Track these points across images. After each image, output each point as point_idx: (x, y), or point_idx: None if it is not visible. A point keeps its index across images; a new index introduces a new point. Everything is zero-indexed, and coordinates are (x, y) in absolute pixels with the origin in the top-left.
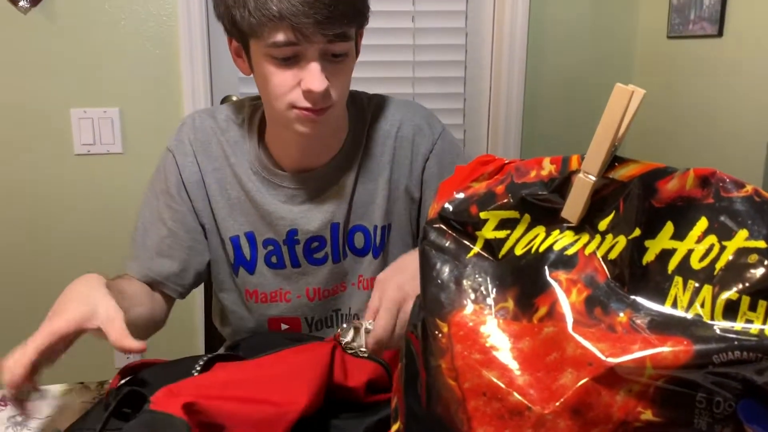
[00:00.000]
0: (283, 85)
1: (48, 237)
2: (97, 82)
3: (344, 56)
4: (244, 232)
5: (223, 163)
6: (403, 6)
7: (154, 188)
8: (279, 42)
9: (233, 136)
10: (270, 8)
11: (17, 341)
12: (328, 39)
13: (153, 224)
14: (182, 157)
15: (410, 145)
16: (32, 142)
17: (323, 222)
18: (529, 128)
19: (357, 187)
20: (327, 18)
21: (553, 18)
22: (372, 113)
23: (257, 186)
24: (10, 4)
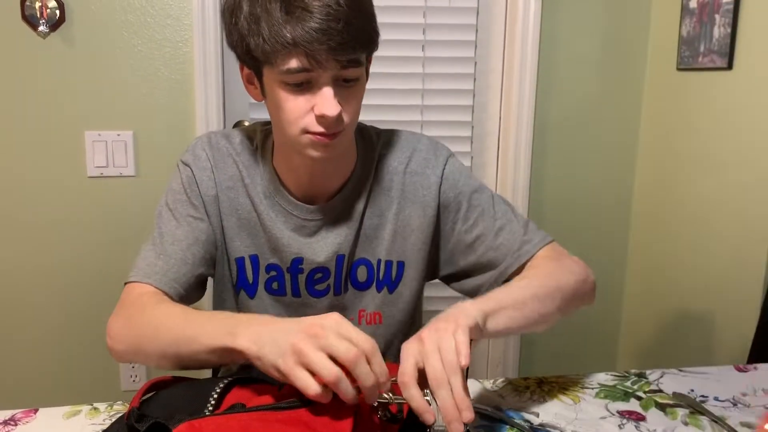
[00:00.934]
0: (297, 111)
1: (59, 258)
2: (112, 106)
3: (356, 81)
4: (249, 255)
5: (238, 182)
6: (413, 35)
7: (174, 199)
8: (293, 68)
9: (247, 159)
10: (284, 36)
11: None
12: (341, 65)
13: (173, 233)
14: (200, 171)
15: (420, 179)
16: (46, 163)
17: (329, 254)
18: (539, 158)
19: (364, 220)
20: (340, 44)
21: (563, 49)
22: (381, 148)
23: (268, 210)
24: (30, 29)
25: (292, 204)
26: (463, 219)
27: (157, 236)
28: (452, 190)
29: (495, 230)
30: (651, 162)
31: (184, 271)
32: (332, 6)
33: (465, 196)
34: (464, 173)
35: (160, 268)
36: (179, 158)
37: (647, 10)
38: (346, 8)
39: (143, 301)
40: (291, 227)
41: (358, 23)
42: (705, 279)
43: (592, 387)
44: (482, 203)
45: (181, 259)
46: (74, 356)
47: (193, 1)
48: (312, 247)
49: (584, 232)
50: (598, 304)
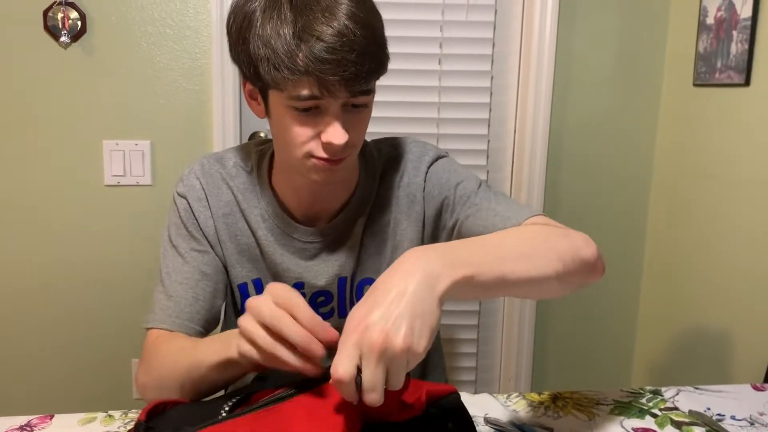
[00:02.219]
0: (303, 136)
1: (75, 265)
2: (130, 115)
3: (365, 107)
4: (252, 279)
5: (234, 208)
6: (430, 49)
7: (174, 234)
8: (302, 96)
9: (243, 183)
10: (297, 64)
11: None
12: (352, 94)
13: (180, 271)
14: (196, 202)
15: (411, 189)
16: (64, 171)
17: (331, 277)
18: (554, 172)
19: (365, 239)
20: (353, 75)
21: (579, 64)
22: (383, 167)
23: (266, 235)
24: (52, 39)
25: (291, 227)
26: (450, 215)
27: (165, 277)
28: (436, 189)
29: (473, 214)
30: (667, 178)
31: (197, 309)
32: (347, 36)
33: (450, 191)
34: (449, 169)
35: (173, 310)
36: (174, 190)
37: (664, 26)
38: (360, 38)
39: (158, 345)
40: (290, 251)
41: (371, 53)
42: (721, 295)
43: (606, 403)
44: (466, 193)
45: (192, 297)
46: (87, 363)
47: (212, 13)
48: (312, 270)
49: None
50: (612, 317)
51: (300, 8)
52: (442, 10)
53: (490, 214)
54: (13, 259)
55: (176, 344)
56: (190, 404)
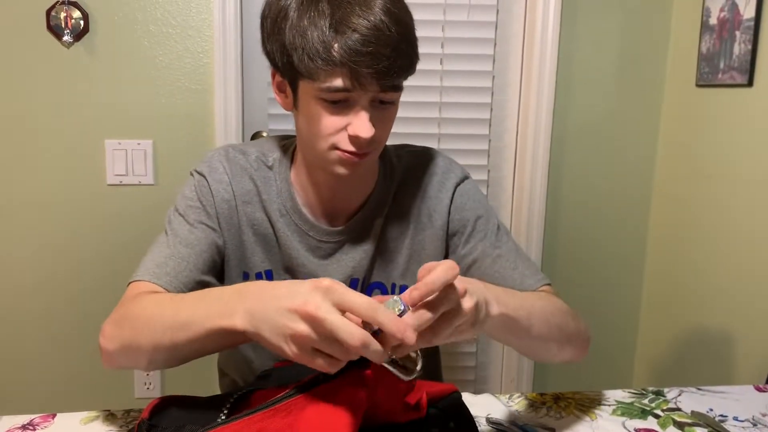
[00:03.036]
0: (330, 128)
1: (77, 263)
2: (133, 115)
3: (392, 104)
4: (265, 270)
5: (255, 198)
6: (432, 49)
7: (186, 205)
8: (334, 87)
9: (263, 175)
10: (332, 54)
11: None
12: (382, 89)
13: (186, 237)
14: (216, 183)
15: (434, 203)
16: (67, 170)
17: (344, 277)
18: (555, 172)
19: (380, 243)
20: (386, 69)
21: (581, 63)
22: (402, 173)
23: (284, 228)
24: (55, 38)
25: (308, 224)
26: (464, 243)
27: (171, 237)
28: (458, 212)
29: (493, 257)
30: (669, 178)
31: (195, 276)
32: (383, 30)
33: (470, 220)
34: (474, 198)
35: (171, 269)
36: (193, 168)
37: (666, 26)
38: (395, 34)
39: (140, 296)
40: (306, 247)
41: (404, 49)
42: (723, 296)
43: (609, 404)
44: (485, 229)
45: (193, 263)
46: (89, 362)
47: (214, 12)
48: (327, 269)
49: (601, 247)
50: (614, 317)
51: (337, 2)
52: (444, 10)
53: (510, 266)
54: (16, 257)
55: (154, 298)
56: (192, 401)
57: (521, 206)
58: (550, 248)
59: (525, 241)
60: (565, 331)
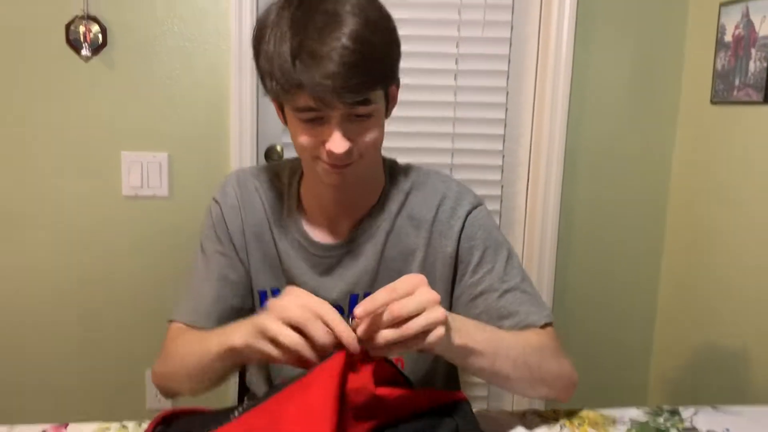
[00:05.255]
0: (309, 143)
1: (91, 275)
2: (149, 127)
3: (368, 116)
4: (271, 288)
5: (263, 219)
6: (446, 65)
7: (205, 236)
8: (301, 107)
9: (273, 197)
10: (292, 78)
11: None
12: (347, 106)
13: (204, 270)
14: (228, 209)
15: (445, 229)
16: (83, 181)
17: (342, 292)
18: (569, 188)
19: (384, 263)
20: (344, 88)
21: (595, 81)
22: (410, 190)
23: (287, 248)
24: (74, 52)
25: (308, 240)
26: (471, 272)
27: (193, 275)
28: (468, 241)
29: (500, 291)
30: (684, 195)
31: (215, 307)
32: (338, 50)
33: (478, 249)
34: (485, 227)
35: (192, 306)
36: (213, 195)
37: (681, 43)
38: (352, 52)
39: (176, 336)
40: (308, 264)
41: (365, 65)
42: (739, 313)
43: (623, 422)
44: (494, 261)
45: (210, 295)
46: (101, 373)
47: (231, 27)
48: (326, 284)
49: (615, 264)
50: (628, 334)
51: (298, 26)
52: (458, 26)
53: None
54: (31, 266)
55: (193, 335)
56: (201, 413)
57: (534, 222)
58: (563, 265)
59: (538, 257)
60: (539, 371)
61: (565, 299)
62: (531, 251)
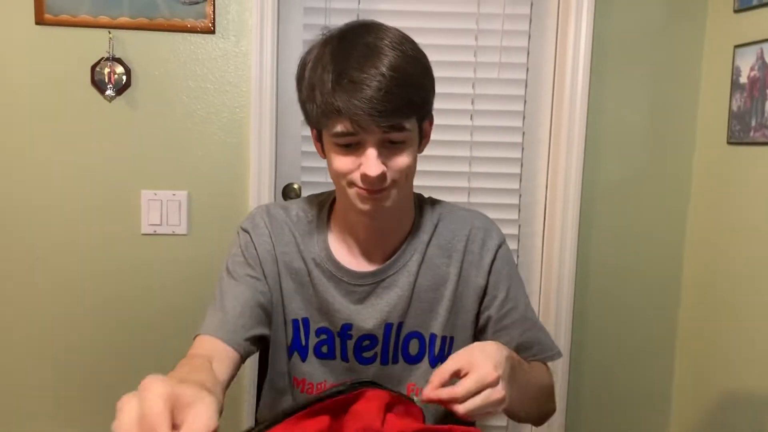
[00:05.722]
0: (345, 168)
1: (110, 310)
2: (169, 166)
3: (402, 144)
4: (302, 317)
5: (293, 249)
6: (462, 105)
7: (233, 262)
8: (339, 132)
9: (302, 228)
10: (332, 103)
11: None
12: (383, 130)
13: (232, 291)
14: (258, 237)
15: (476, 259)
16: (103, 218)
17: (378, 321)
18: (586, 227)
19: (416, 293)
20: (380, 112)
21: (610, 120)
22: (439, 221)
23: (320, 277)
24: (98, 92)
25: (342, 270)
26: (498, 306)
27: (218, 294)
28: (496, 275)
29: (525, 329)
30: (701, 235)
31: (242, 323)
32: (376, 77)
33: (504, 284)
34: (510, 263)
35: (219, 320)
36: (239, 225)
37: (696, 84)
38: (389, 79)
39: (191, 352)
40: (342, 293)
41: (400, 93)
42: (758, 355)
43: None
44: (517, 300)
45: (239, 312)
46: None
47: (251, 69)
48: (361, 313)
49: (633, 302)
50: (648, 375)
51: (340, 57)
52: (474, 69)
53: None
54: (51, 300)
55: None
56: None
57: (552, 261)
58: (580, 303)
59: (555, 296)
60: (538, 410)
61: (583, 343)
62: (548, 291)
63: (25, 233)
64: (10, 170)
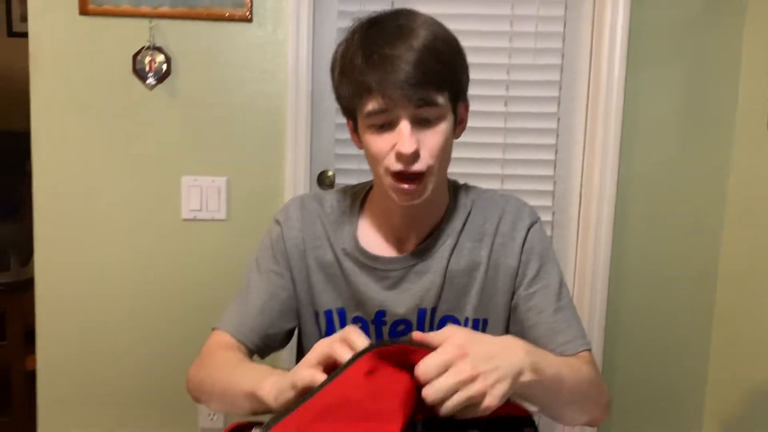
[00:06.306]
0: (380, 150)
1: (151, 293)
2: (209, 153)
3: (435, 121)
4: (336, 308)
5: (324, 242)
6: (496, 91)
7: (261, 254)
8: (372, 111)
9: (334, 220)
10: (363, 81)
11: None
12: (414, 104)
13: (256, 286)
14: (289, 230)
15: (507, 241)
16: (145, 204)
17: (410, 306)
18: (621, 216)
19: (449, 278)
20: (412, 86)
21: (647, 108)
22: (472, 206)
23: (351, 266)
24: (139, 81)
25: (372, 257)
26: (527, 285)
27: (244, 288)
28: (528, 254)
29: (553, 309)
30: (740, 225)
31: (260, 322)
32: (406, 53)
33: (536, 263)
34: (543, 242)
35: (239, 318)
36: (274, 215)
37: (735, 73)
38: (419, 54)
39: (212, 350)
40: (374, 279)
41: (429, 65)
42: None
43: None
44: (549, 279)
45: (259, 310)
46: (158, 389)
47: (288, 57)
48: (393, 299)
49: (668, 294)
50: (682, 371)
51: (371, 39)
52: (509, 55)
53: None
54: (97, 282)
55: (231, 356)
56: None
57: (587, 247)
58: (615, 291)
59: (590, 284)
60: (586, 402)
61: (617, 333)
62: (582, 278)
63: (71, 216)
64: (57, 157)
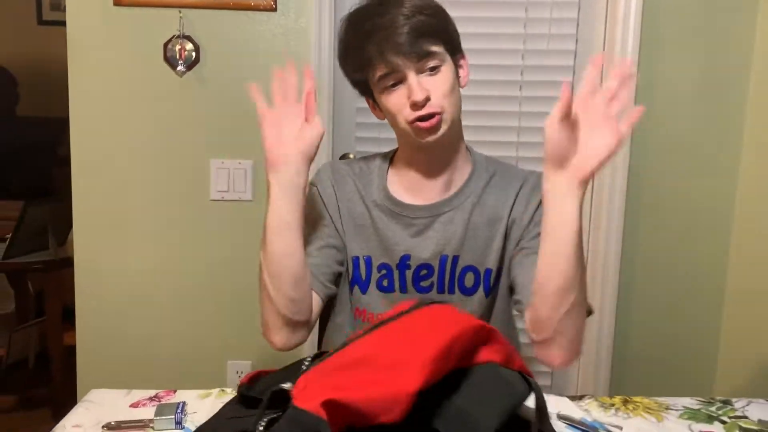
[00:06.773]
0: (397, 104)
1: (179, 270)
2: (236, 137)
3: (437, 68)
4: (364, 255)
5: (355, 196)
6: (511, 76)
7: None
8: (381, 76)
9: (364, 177)
10: (364, 55)
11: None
12: (415, 59)
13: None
14: (323, 189)
15: (526, 200)
16: (175, 185)
17: (434, 252)
18: (634, 195)
19: (471, 230)
20: (401, 44)
21: (660, 93)
22: (493, 174)
23: (380, 216)
24: (170, 68)
25: (401, 205)
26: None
27: None
28: (540, 215)
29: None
30: (751, 204)
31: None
32: (395, 17)
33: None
34: None
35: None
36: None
37: (748, 56)
38: (407, 16)
39: None
40: (401, 226)
41: (419, 22)
42: None
43: (676, 409)
44: None
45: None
46: (185, 364)
47: (310, 45)
48: (419, 245)
49: (680, 266)
50: (694, 334)
51: (358, 18)
52: (524, 40)
53: None
54: (129, 260)
55: None
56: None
57: (598, 230)
58: (628, 265)
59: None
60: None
61: (631, 300)
62: (596, 251)
63: (107, 197)
64: (93, 141)
